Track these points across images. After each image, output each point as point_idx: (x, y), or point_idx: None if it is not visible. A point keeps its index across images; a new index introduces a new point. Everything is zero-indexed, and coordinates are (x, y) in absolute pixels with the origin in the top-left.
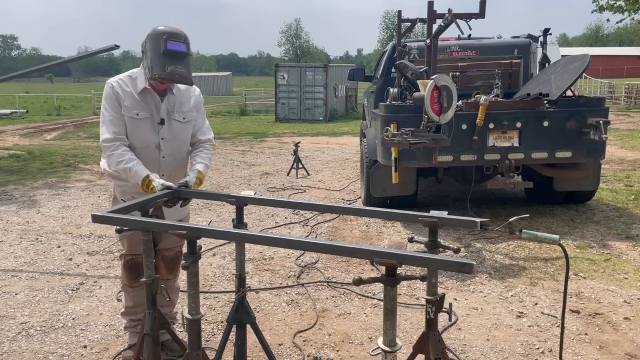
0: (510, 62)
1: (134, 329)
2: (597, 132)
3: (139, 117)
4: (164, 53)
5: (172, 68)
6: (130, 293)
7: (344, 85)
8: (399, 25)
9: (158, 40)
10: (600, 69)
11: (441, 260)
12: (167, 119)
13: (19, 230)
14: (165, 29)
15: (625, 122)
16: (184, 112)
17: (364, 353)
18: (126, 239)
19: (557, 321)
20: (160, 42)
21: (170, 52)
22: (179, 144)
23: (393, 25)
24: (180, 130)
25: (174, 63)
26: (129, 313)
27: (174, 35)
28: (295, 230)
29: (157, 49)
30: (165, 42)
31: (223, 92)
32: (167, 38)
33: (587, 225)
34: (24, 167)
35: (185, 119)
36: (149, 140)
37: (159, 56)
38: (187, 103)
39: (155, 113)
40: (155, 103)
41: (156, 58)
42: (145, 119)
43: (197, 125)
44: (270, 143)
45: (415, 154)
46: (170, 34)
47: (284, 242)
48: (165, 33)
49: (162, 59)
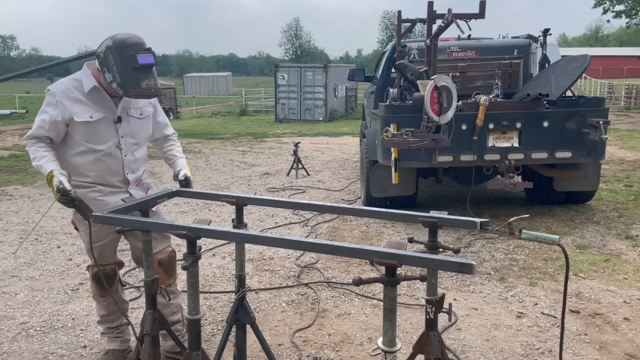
0: (510, 63)
1: (111, 335)
2: (597, 132)
3: (93, 119)
4: (135, 69)
5: (147, 83)
6: (102, 302)
7: (344, 85)
8: (399, 26)
9: (126, 54)
10: (600, 70)
11: (441, 261)
12: (124, 117)
13: (19, 230)
14: (129, 40)
15: (625, 123)
16: (140, 108)
17: (363, 353)
18: (96, 249)
19: (556, 321)
20: (130, 57)
21: (143, 66)
22: (139, 140)
23: (393, 25)
24: (139, 126)
25: (147, 77)
26: (105, 322)
27: (140, 47)
28: (295, 231)
29: (127, 64)
30: (135, 57)
31: (223, 92)
32: (136, 52)
33: (587, 225)
34: (24, 167)
35: (142, 114)
36: (108, 140)
37: (130, 72)
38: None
39: (110, 112)
40: (106, 102)
41: (127, 74)
42: (101, 119)
43: (158, 120)
44: (270, 143)
45: (415, 154)
46: (137, 47)
47: (283, 242)
48: (131, 46)
49: (135, 75)
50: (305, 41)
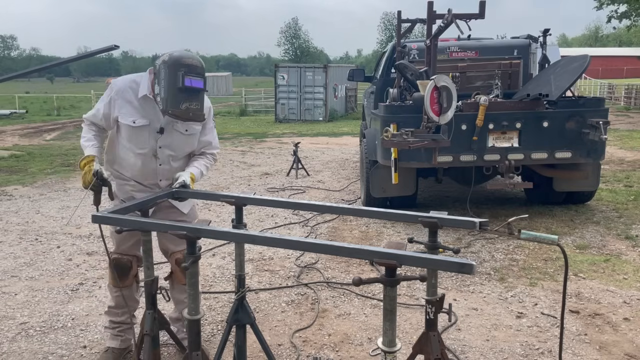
0: (509, 63)
1: (113, 331)
2: (596, 132)
3: (135, 125)
4: (180, 89)
5: (187, 105)
6: (113, 293)
7: (344, 85)
8: (399, 26)
9: (175, 73)
10: (599, 70)
11: (441, 261)
12: (168, 129)
13: (19, 230)
14: (184, 60)
15: (624, 123)
16: (188, 125)
17: (363, 353)
18: (114, 235)
19: (556, 321)
20: (178, 76)
21: (187, 88)
22: (178, 154)
23: (392, 25)
24: (180, 141)
25: (189, 99)
26: (111, 314)
27: (192, 69)
28: (295, 231)
29: (173, 82)
30: (182, 78)
31: (223, 92)
32: (186, 73)
33: (586, 225)
34: (24, 167)
35: (187, 131)
36: (145, 148)
37: (174, 90)
38: None
39: (155, 120)
40: (155, 111)
41: (171, 91)
42: (143, 126)
43: (204, 140)
44: (270, 143)
45: (415, 154)
46: (189, 68)
47: (283, 242)
48: (183, 66)
49: (177, 95)
50: (304, 41)
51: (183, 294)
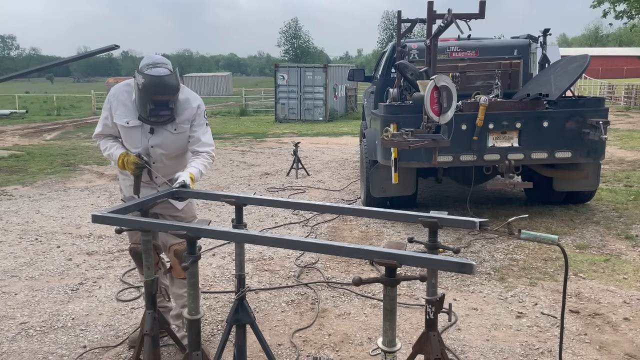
0: (509, 63)
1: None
2: (596, 132)
3: (128, 125)
4: (150, 101)
5: (156, 113)
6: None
7: (344, 85)
8: (399, 26)
9: (145, 87)
10: (599, 70)
11: (441, 261)
12: (158, 129)
13: (19, 230)
14: (152, 79)
15: (624, 123)
16: (176, 124)
17: (363, 353)
18: None
19: (556, 321)
20: (146, 92)
21: (156, 101)
22: (169, 152)
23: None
24: (171, 140)
25: (158, 110)
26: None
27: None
28: (295, 231)
29: (143, 95)
30: (150, 99)
31: (223, 92)
32: (154, 93)
33: (586, 225)
34: (24, 167)
35: (176, 130)
36: (139, 147)
37: (144, 101)
38: (181, 115)
39: None
40: None
41: (142, 100)
42: (136, 127)
43: (193, 137)
44: (270, 143)
45: (415, 154)
46: (157, 88)
47: (283, 242)
48: (152, 87)
49: (147, 106)
50: (304, 41)
51: (182, 289)
